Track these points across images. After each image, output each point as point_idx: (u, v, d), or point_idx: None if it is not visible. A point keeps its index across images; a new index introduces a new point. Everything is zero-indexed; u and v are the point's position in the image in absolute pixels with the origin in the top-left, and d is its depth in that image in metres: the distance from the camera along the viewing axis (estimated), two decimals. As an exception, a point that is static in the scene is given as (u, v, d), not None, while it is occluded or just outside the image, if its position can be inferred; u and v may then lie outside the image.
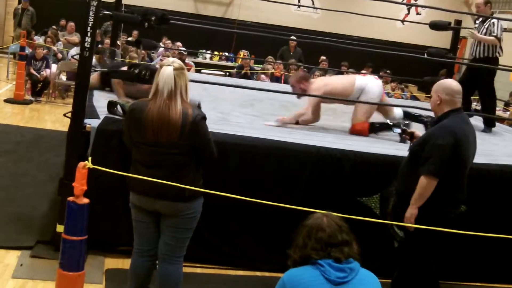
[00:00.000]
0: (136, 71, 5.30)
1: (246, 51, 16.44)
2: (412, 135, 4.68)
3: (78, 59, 5.01)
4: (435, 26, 8.93)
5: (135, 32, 14.76)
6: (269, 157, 5.08)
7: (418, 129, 5.09)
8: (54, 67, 11.98)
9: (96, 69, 6.82)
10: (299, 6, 14.18)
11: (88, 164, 3.57)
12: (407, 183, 4.20)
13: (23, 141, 8.23)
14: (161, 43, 13.99)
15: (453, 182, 4.18)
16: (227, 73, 15.04)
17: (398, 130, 4.65)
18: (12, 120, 9.31)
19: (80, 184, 3.55)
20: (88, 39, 4.80)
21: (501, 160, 5.71)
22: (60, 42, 13.76)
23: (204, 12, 18.01)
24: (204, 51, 16.95)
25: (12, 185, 6.42)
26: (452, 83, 4.29)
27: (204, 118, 3.70)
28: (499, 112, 14.88)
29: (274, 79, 13.44)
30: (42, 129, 9.12)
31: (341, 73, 14.57)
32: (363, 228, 2.98)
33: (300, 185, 5.11)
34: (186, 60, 13.29)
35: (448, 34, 10.06)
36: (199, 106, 5.02)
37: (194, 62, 14.86)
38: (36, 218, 5.55)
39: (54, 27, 14.83)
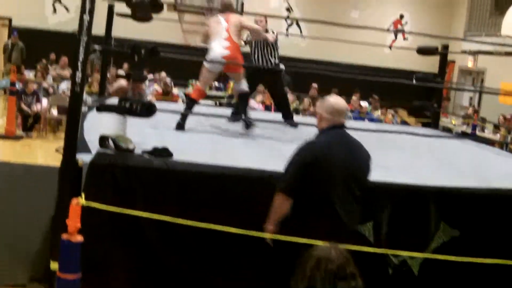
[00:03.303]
0: (127, 105, 5.32)
1: (236, 80, 16.48)
2: None
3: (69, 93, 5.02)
4: (423, 51, 9.05)
5: (125, 65, 14.83)
6: (262, 187, 5.02)
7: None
8: (45, 101, 11.99)
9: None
10: (287, 35, 14.30)
11: (81, 201, 3.57)
12: None
13: (14, 177, 8.17)
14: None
15: (316, 203, 4.08)
16: (218, 103, 15.08)
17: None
18: (3, 156, 9.27)
19: (74, 222, 3.55)
20: (79, 74, 4.81)
21: (493, 183, 5.72)
22: (50, 76, 13.80)
23: (193, 43, 18.06)
24: (194, 81, 16.97)
25: (3, 221, 6.38)
26: (336, 102, 4.29)
27: None
28: (490, 134, 14.99)
29: (265, 107, 13.50)
30: (33, 164, 9.07)
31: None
32: (357, 255, 2.98)
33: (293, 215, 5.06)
34: (174, 91, 13.34)
35: (436, 58, 10.16)
36: None
37: (184, 93, 14.88)
38: (29, 254, 5.51)
39: (44, 60, 14.88)
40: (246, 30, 7.90)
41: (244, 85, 7.62)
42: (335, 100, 4.32)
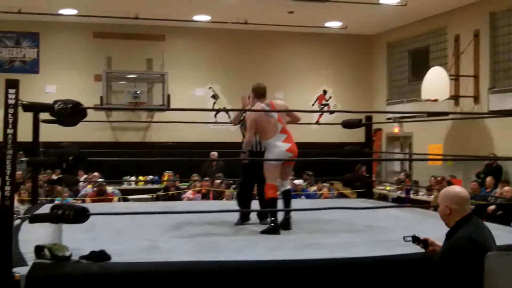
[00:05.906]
0: (60, 212, 5.28)
1: (170, 172, 16.53)
2: (426, 243, 4.55)
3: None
4: (347, 125, 9.31)
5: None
6: (203, 281, 5.03)
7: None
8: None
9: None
10: (216, 122, 14.57)
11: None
12: None
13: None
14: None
15: None
16: (154, 196, 15.05)
17: (409, 239, 4.59)
18: None
19: None
20: (7, 188, 4.78)
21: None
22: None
23: (123, 139, 18.13)
24: (128, 177, 16.96)
25: None
26: (459, 191, 4.30)
27: None
28: (424, 197, 15.32)
29: (202, 196, 13.55)
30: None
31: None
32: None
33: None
34: (108, 190, 13.21)
35: (363, 128, 10.46)
36: None
37: (120, 190, 14.80)
38: None
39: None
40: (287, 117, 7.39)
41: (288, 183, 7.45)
42: (458, 189, 4.32)
